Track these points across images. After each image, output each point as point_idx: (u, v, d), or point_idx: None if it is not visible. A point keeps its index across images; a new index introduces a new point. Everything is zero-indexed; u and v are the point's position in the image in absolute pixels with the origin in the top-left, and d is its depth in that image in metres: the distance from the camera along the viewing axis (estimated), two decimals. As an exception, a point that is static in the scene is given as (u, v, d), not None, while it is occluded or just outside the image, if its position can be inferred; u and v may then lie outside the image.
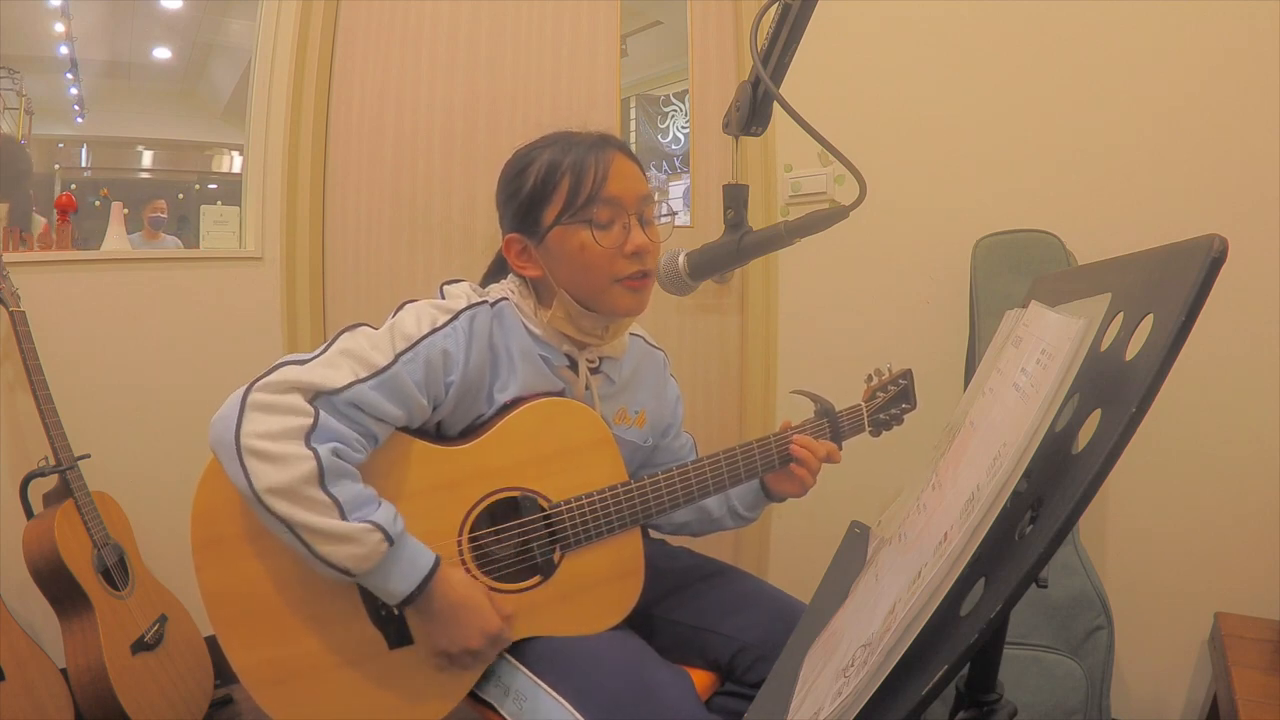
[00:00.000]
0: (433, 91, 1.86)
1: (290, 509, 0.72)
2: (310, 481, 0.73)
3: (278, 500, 0.72)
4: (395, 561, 0.77)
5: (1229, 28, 1.31)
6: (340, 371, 0.78)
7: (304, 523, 0.73)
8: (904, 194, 1.63)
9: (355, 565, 0.74)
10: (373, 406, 0.79)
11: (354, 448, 0.77)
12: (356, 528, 0.74)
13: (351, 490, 0.76)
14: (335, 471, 0.74)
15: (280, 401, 0.75)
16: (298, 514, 0.72)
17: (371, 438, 0.80)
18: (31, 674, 1.32)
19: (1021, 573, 0.39)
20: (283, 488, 0.72)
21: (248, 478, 0.72)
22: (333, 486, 0.74)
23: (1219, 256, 0.38)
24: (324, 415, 0.75)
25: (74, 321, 1.59)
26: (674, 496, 0.94)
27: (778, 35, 0.78)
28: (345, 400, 0.77)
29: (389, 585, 0.77)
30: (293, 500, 0.72)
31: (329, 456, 0.74)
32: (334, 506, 0.73)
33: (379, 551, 0.75)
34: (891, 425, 1.12)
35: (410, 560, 0.78)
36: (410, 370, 0.81)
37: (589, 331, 0.93)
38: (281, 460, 0.72)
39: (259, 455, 0.72)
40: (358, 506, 0.75)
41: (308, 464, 0.73)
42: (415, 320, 0.84)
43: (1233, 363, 1.31)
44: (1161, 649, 1.41)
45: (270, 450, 0.72)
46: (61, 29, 1.71)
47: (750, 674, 0.96)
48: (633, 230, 0.89)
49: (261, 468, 0.72)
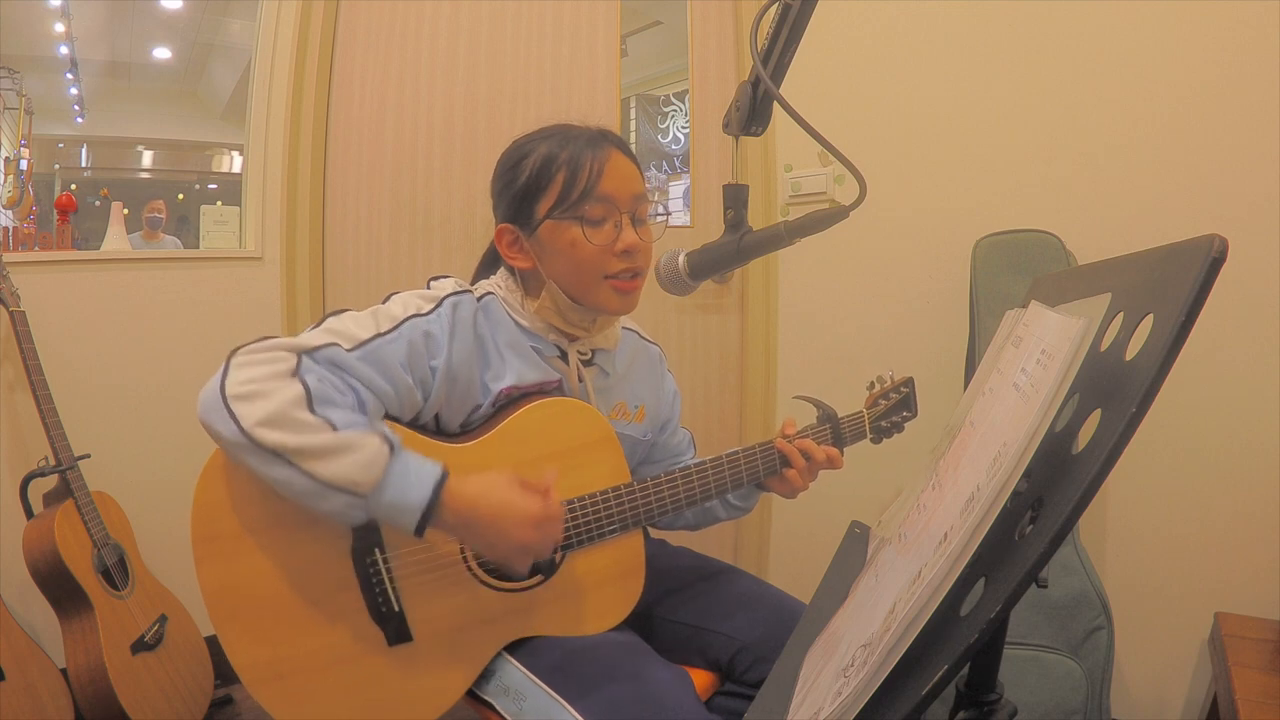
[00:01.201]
0: (433, 91, 1.86)
1: (281, 435, 0.70)
2: (298, 404, 0.72)
3: (268, 430, 0.70)
4: (402, 470, 0.74)
5: (1229, 28, 1.31)
6: (322, 339, 0.78)
7: (297, 445, 0.70)
8: (904, 194, 1.63)
9: (360, 475, 0.71)
10: (352, 369, 0.78)
11: (339, 390, 0.76)
12: (353, 434, 0.72)
13: (341, 412, 0.74)
14: (323, 398, 0.73)
15: (262, 355, 0.74)
16: (290, 438, 0.70)
17: (354, 395, 0.78)
18: (31, 674, 1.32)
19: (1021, 573, 0.39)
20: (270, 415, 0.70)
21: (236, 421, 0.70)
22: (321, 409, 0.73)
23: (1219, 256, 0.38)
24: (306, 360, 0.76)
25: (74, 321, 1.59)
26: (677, 499, 0.94)
27: (778, 35, 0.78)
28: (325, 357, 0.77)
29: (405, 496, 0.73)
30: (283, 426, 0.70)
31: (315, 383, 0.74)
32: (325, 424, 0.72)
33: (382, 455, 0.73)
34: (893, 432, 1.12)
35: (418, 468, 0.75)
36: (393, 348, 0.81)
37: (576, 324, 0.93)
38: (266, 394, 0.71)
39: (244, 397, 0.71)
40: (351, 423, 0.74)
41: (294, 389, 0.72)
42: (400, 305, 0.85)
43: (1233, 363, 1.31)
44: (1161, 649, 1.41)
45: (254, 389, 0.71)
46: (61, 29, 1.72)
47: (750, 674, 0.96)
48: (624, 229, 0.89)
49: (247, 407, 0.71)
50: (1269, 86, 1.27)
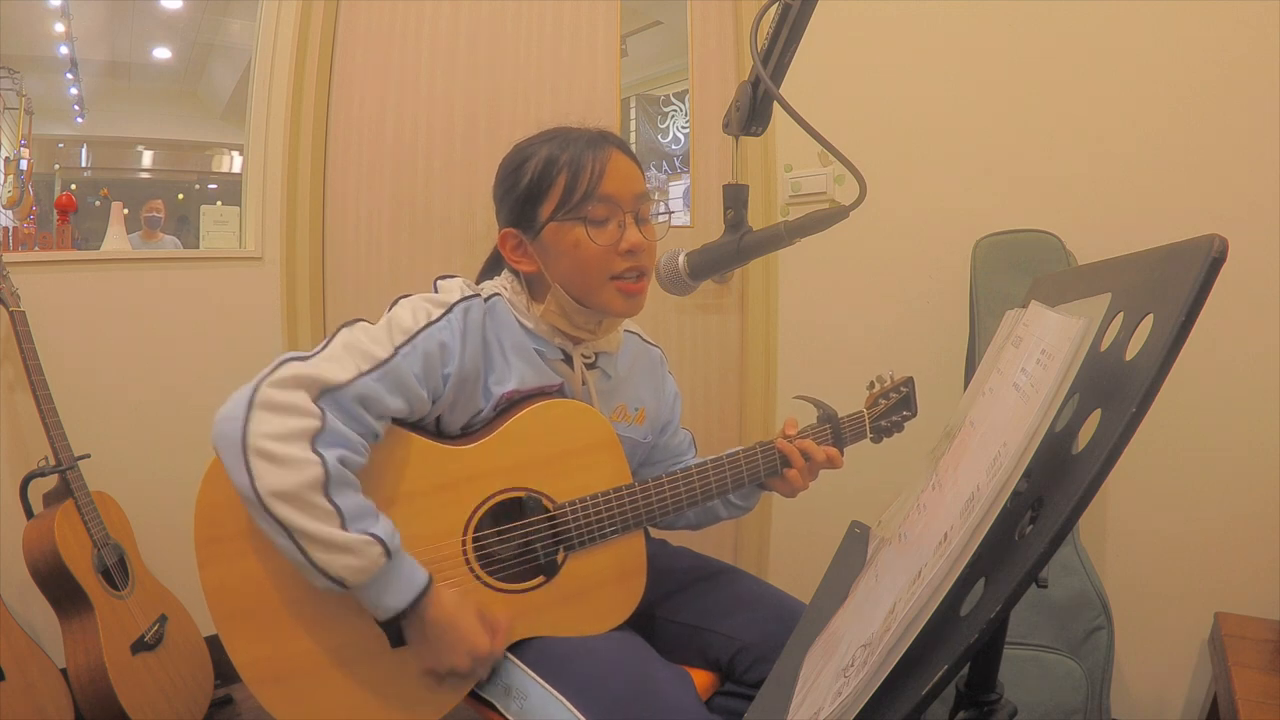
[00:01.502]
0: (433, 91, 1.86)
1: (291, 514, 0.72)
2: (315, 488, 0.72)
3: (280, 504, 0.72)
4: (391, 577, 0.77)
5: (1229, 28, 1.31)
6: (343, 366, 0.78)
7: (304, 529, 0.72)
8: (904, 194, 1.63)
9: (351, 576, 0.74)
10: (376, 401, 0.79)
11: (358, 453, 0.77)
12: (357, 539, 0.73)
13: (354, 500, 0.75)
14: (340, 480, 0.74)
15: (287, 401, 0.74)
16: (298, 519, 0.72)
17: (374, 436, 0.80)
18: (31, 674, 1.32)
19: (1021, 573, 0.39)
20: (286, 491, 0.71)
21: (251, 478, 0.71)
22: (336, 495, 0.74)
23: (1219, 256, 0.38)
24: (330, 418, 0.75)
25: (74, 321, 1.59)
26: (678, 499, 0.94)
27: (778, 35, 0.78)
28: (350, 396, 0.77)
29: (382, 599, 0.77)
30: (295, 505, 0.72)
31: (335, 464, 0.74)
32: (335, 515, 0.73)
33: (376, 565, 0.75)
34: (893, 432, 1.12)
35: (405, 577, 0.78)
36: (409, 363, 0.81)
37: (581, 326, 0.93)
38: (287, 463, 0.72)
39: (265, 456, 0.72)
40: (359, 518, 0.75)
41: (314, 469, 0.72)
42: (411, 314, 0.84)
43: (1233, 363, 1.31)
44: (1161, 649, 1.41)
45: (276, 452, 0.72)
46: (61, 29, 1.71)
47: (750, 674, 0.96)
48: (628, 229, 0.89)
49: (266, 469, 0.72)
50: (1269, 86, 1.27)
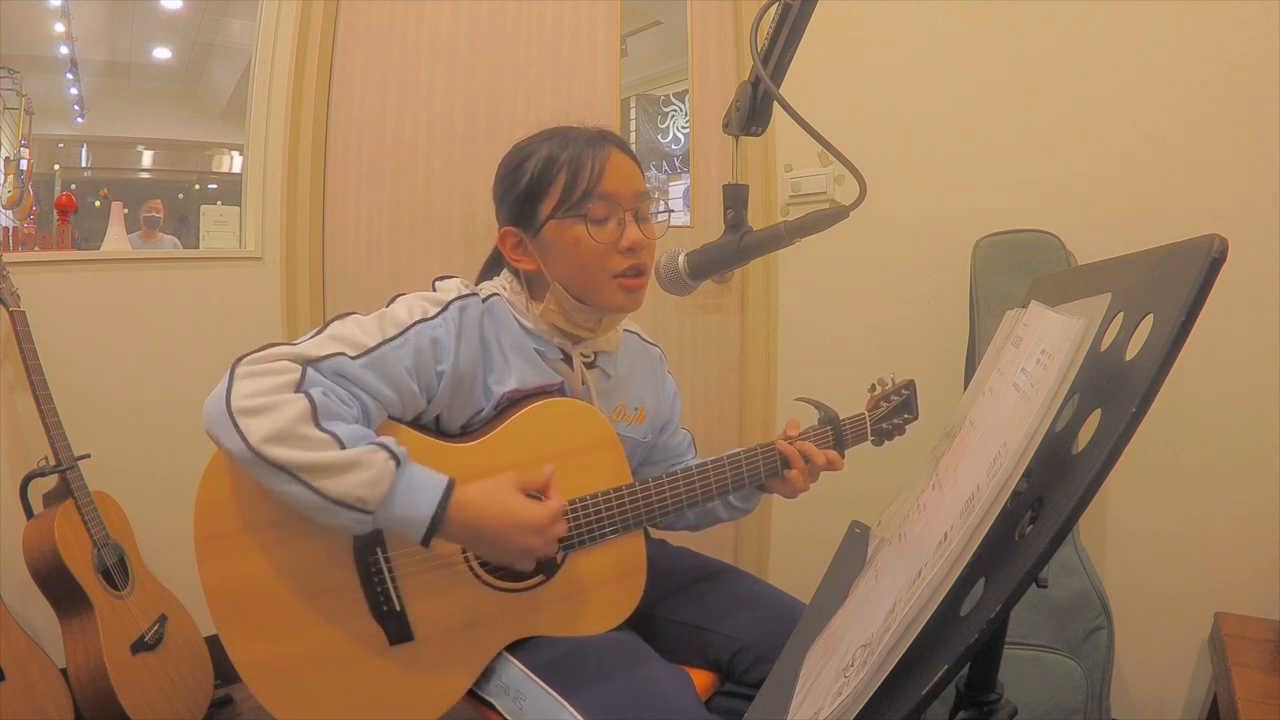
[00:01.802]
0: (433, 91, 1.86)
1: (288, 452, 0.70)
2: (304, 419, 0.72)
3: (274, 446, 0.70)
4: (409, 483, 0.74)
5: (1229, 28, 1.31)
6: (325, 348, 0.78)
7: (305, 462, 0.71)
8: (904, 194, 1.63)
9: (368, 492, 0.71)
10: (358, 379, 0.78)
11: (344, 402, 0.76)
12: (360, 451, 0.72)
13: (347, 426, 0.74)
14: (327, 411, 0.74)
15: (266, 367, 0.74)
16: (297, 455, 0.71)
17: (359, 405, 0.79)
18: (31, 674, 1.32)
19: (1021, 573, 0.39)
20: (277, 431, 0.71)
21: (243, 436, 0.71)
22: (327, 423, 0.73)
23: (1219, 256, 0.38)
24: (311, 371, 0.75)
25: (74, 321, 1.59)
26: (677, 499, 0.94)
27: (778, 35, 0.78)
28: (330, 368, 0.77)
29: (414, 509, 0.74)
30: (289, 442, 0.71)
31: (320, 397, 0.74)
32: (332, 440, 0.72)
33: (388, 472, 0.73)
34: (894, 435, 1.12)
35: (424, 481, 0.76)
36: (399, 354, 0.81)
37: (581, 325, 0.93)
38: (272, 408, 0.72)
39: (250, 412, 0.71)
40: (357, 438, 0.74)
41: (299, 404, 0.72)
42: (406, 309, 0.84)
43: (1233, 363, 1.31)
44: (1161, 649, 1.41)
45: (260, 404, 0.72)
46: (61, 29, 1.71)
47: (750, 674, 0.96)
48: (628, 226, 0.89)
49: (254, 422, 0.71)
50: (1269, 86, 1.27)
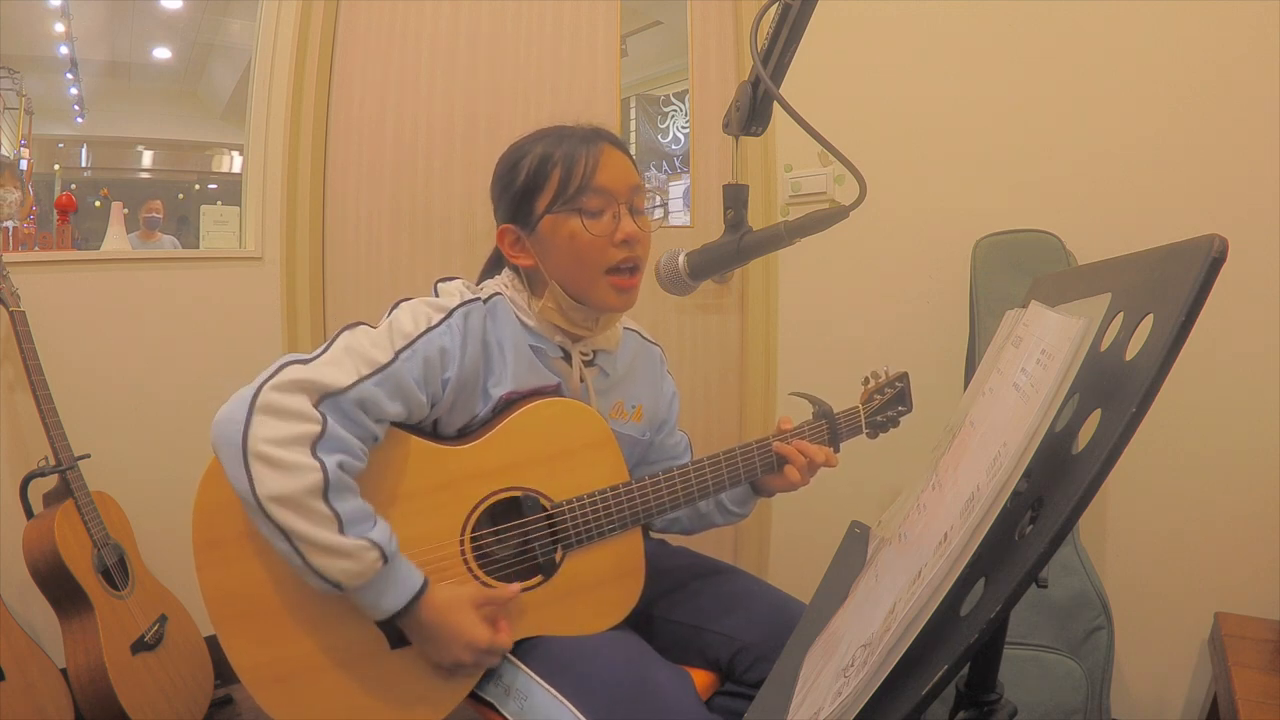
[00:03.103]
0: (433, 91, 1.86)
1: (290, 518, 0.72)
2: (314, 493, 0.73)
3: (279, 508, 0.72)
4: (387, 580, 0.78)
5: (1229, 28, 1.30)
6: (344, 370, 0.78)
7: (303, 534, 0.73)
8: (904, 194, 1.63)
9: (347, 580, 0.75)
10: (375, 405, 0.79)
11: (358, 457, 0.78)
12: (354, 544, 0.74)
13: (352, 505, 0.76)
14: (339, 486, 0.75)
15: (288, 405, 0.74)
16: (297, 524, 0.72)
17: (373, 439, 0.81)
18: (31, 674, 1.32)
19: (1021, 573, 0.39)
20: (286, 496, 0.72)
21: (251, 483, 0.72)
22: (335, 500, 0.74)
23: (1219, 256, 0.38)
24: (331, 423, 0.75)
25: (74, 321, 1.59)
26: (674, 496, 0.94)
27: (778, 35, 0.78)
28: (351, 400, 0.77)
29: (378, 602, 0.78)
30: (294, 510, 0.72)
31: (335, 470, 0.74)
32: (334, 520, 0.74)
33: (373, 569, 0.76)
34: (888, 427, 1.12)
35: (401, 580, 0.79)
36: (410, 367, 0.81)
37: (579, 324, 0.94)
38: (288, 469, 0.72)
39: (265, 461, 0.72)
40: (357, 522, 0.75)
41: (314, 475, 0.73)
42: (411, 318, 0.84)
43: (1233, 363, 1.31)
44: (1161, 649, 1.41)
45: (277, 457, 0.72)
46: (61, 29, 1.71)
47: (750, 674, 0.96)
48: (622, 219, 0.90)
49: (267, 474, 0.72)
50: (1269, 86, 1.27)
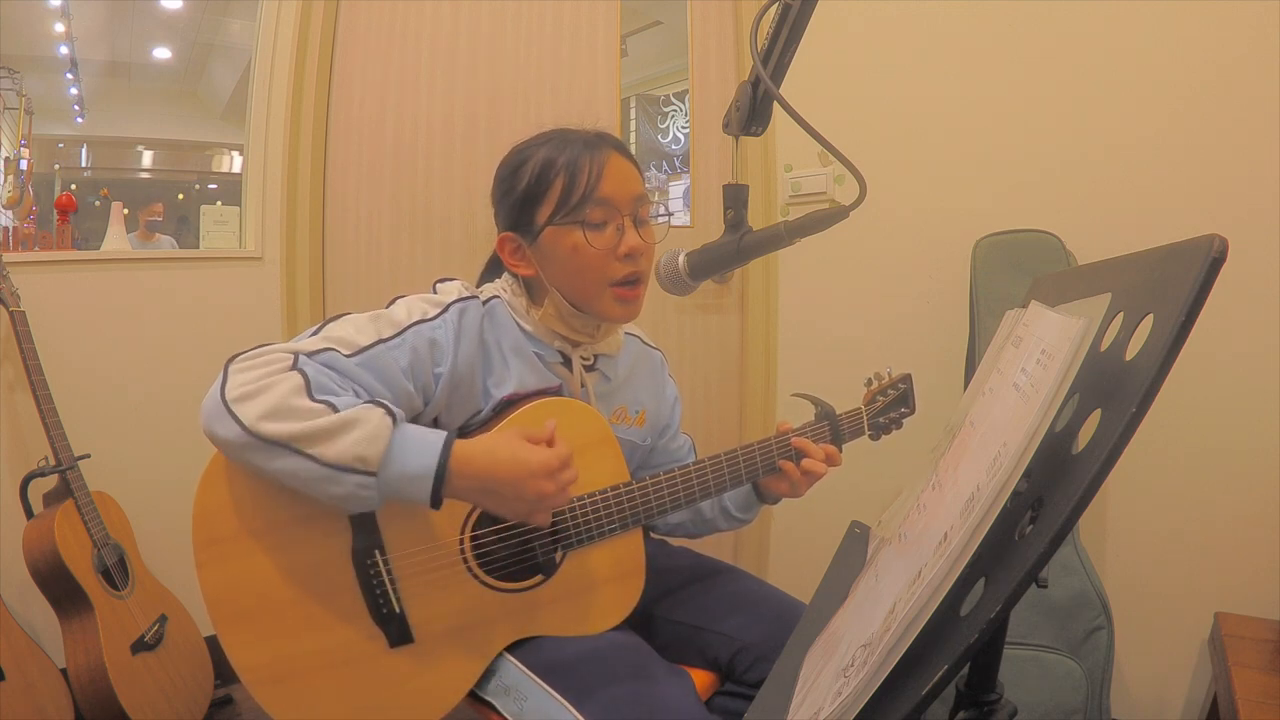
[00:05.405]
0: (433, 91, 1.86)
1: (285, 425, 0.70)
2: (297, 393, 0.71)
3: (269, 423, 0.70)
4: (408, 438, 0.73)
5: (1229, 28, 1.31)
6: (316, 344, 0.78)
7: (301, 432, 0.70)
8: (904, 194, 1.63)
9: (366, 449, 0.70)
10: (351, 374, 0.78)
11: (337, 384, 0.76)
12: (355, 410, 0.72)
13: (341, 397, 0.74)
14: (321, 386, 0.73)
15: (259, 359, 0.74)
16: (293, 426, 0.70)
17: (352, 391, 0.78)
18: (31, 674, 1.32)
19: (1021, 573, 0.39)
20: (271, 408, 0.70)
21: (238, 420, 0.70)
22: (320, 395, 0.73)
23: (1219, 256, 0.38)
24: (303, 358, 0.75)
25: (74, 321, 1.59)
26: (675, 496, 0.94)
27: (778, 35, 0.78)
28: (322, 360, 0.76)
29: (413, 465, 0.72)
30: (284, 415, 0.70)
31: (313, 373, 0.73)
32: (326, 407, 0.71)
33: (385, 427, 0.72)
34: (890, 429, 1.12)
35: (423, 435, 0.74)
36: (394, 355, 0.80)
37: (580, 330, 0.93)
38: (266, 389, 0.71)
39: (243, 397, 0.71)
40: (352, 404, 0.73)
41: (292, 379, 0.72)
42: (405, 310, 0.84)
43: (1233, 363, 1.31)
44: (1161, 649, 1.41)
45: (254, 388, 0.71)
46: (61, 29, 1.72)
47: (750, 674, 0.96)
48: (626, 232, 0.89)
49: (248, 405, 0.71)
50: (1269, 86, 1.27)
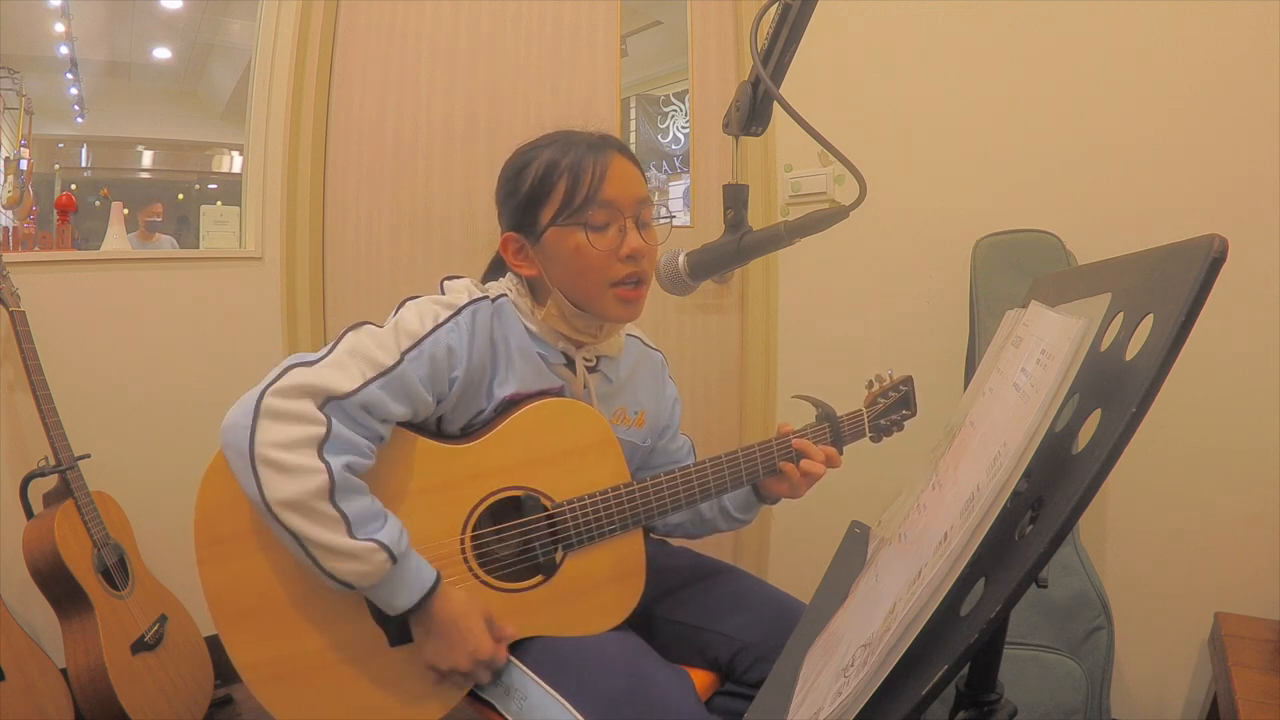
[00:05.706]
0: (433, 91, 1.86)
1: (300, 522, 0.73)
2: (321, 495, 0.73)
3: (288, 512, 0.73)
4: (397, 578, 0.78)
5: (1229, 28, 1.31)
6: (348, 373, 0.78)
7: (312, 537, 0.74)
8: (904, 194, 1.63)
9: (358, 581, 0.76)
10: (380, 408, 0.79)
11: (365, 456, 0.78)
12: (362, 546, 0.74)
13: (360, 505, 0.76)
14: (345, 486, 0.75)
15: (293, 409, 0.75)
16: (306, 528, 0.73)
17: (379, 439, 0.81)
18: (31, 674, 1.32)
19: (1021, 573, 0.39)
20: (294, 500, 0.73)
21: (260, 488, 0.73)
22: (342, 501, 0.74)
23: (1219, 256, 0.38)
24: (336, 424, 0.76)
25: (74, 321, 1.59)
26: (676, 497, 0.94)
27: (778, 35, 0.78)
28: (356, 404, 0.77)
29: (391, 600, 0.79)
30: (303, 513, 0.73)
31: (341, 471, 0.75)
32: (341, 522, 0.74)
33: (382, 569, 0.76)
34: (892, 431, 1.12)
35: (413, 577, 0.79)
36: (416, 368, 0.81)
37: (583, 331, 0.94)
38: (294, 472, 0.73)
39: (272, 465, 0.73)
40: (365, 523, 0.76)
41: (319, 478, 0.73)
42: (418, 317, 0.84)
43: (1233, 363, 1.31)
44: (1161, 649, 1.41)
45: (283, 461, 0.73)
46: (61, 29, 1.72)
47: (750, 674, 0.96)
48: (629, 233, 0.89)
49: (274, 479, 0.73)
50: (1269, 86, 1.27)
